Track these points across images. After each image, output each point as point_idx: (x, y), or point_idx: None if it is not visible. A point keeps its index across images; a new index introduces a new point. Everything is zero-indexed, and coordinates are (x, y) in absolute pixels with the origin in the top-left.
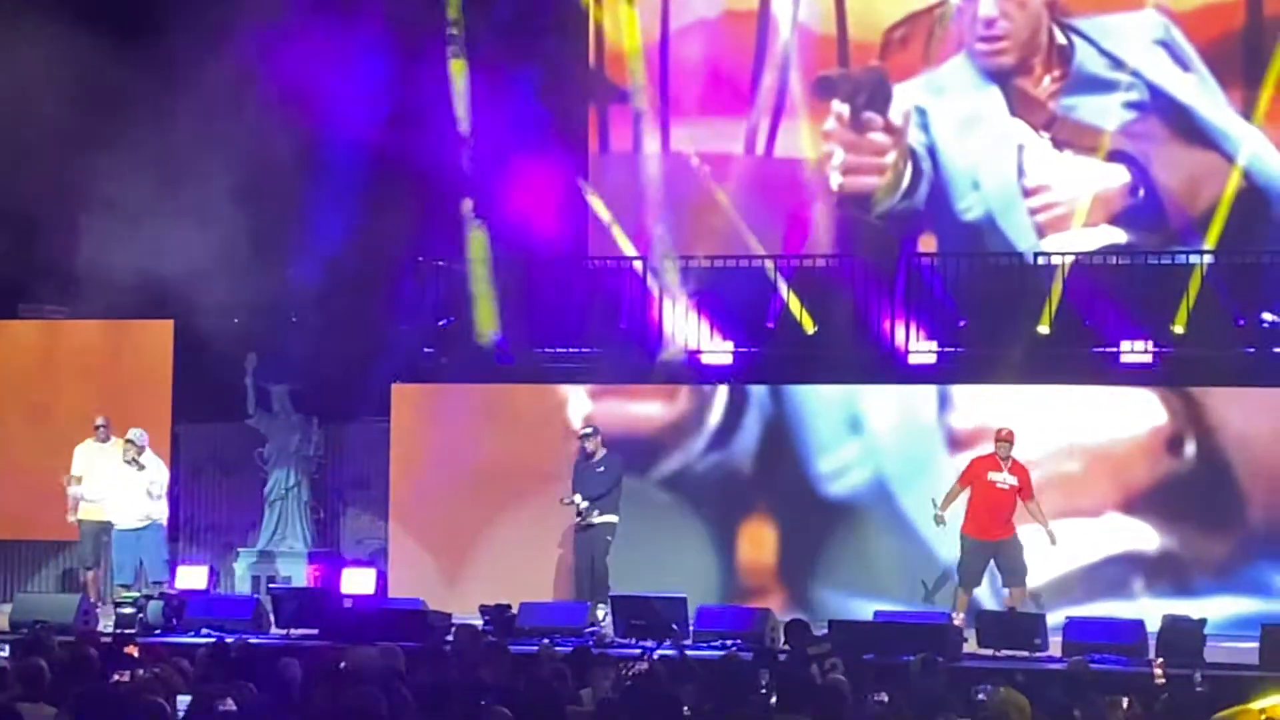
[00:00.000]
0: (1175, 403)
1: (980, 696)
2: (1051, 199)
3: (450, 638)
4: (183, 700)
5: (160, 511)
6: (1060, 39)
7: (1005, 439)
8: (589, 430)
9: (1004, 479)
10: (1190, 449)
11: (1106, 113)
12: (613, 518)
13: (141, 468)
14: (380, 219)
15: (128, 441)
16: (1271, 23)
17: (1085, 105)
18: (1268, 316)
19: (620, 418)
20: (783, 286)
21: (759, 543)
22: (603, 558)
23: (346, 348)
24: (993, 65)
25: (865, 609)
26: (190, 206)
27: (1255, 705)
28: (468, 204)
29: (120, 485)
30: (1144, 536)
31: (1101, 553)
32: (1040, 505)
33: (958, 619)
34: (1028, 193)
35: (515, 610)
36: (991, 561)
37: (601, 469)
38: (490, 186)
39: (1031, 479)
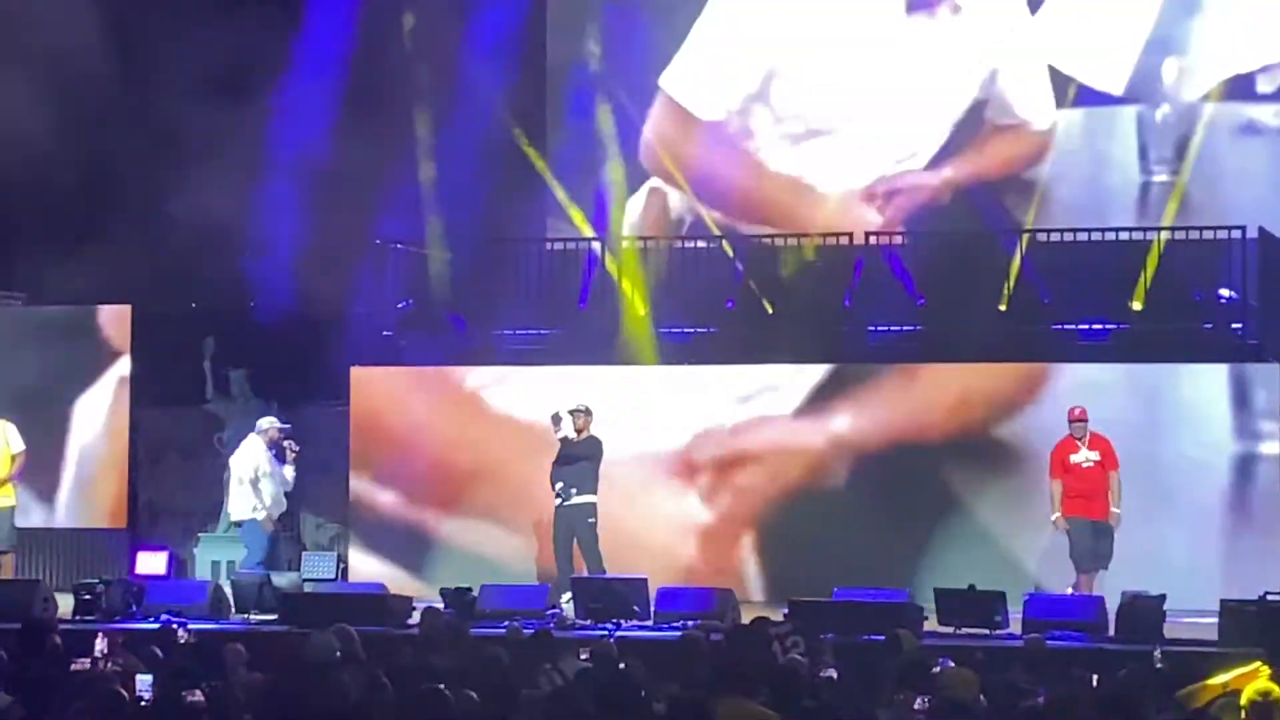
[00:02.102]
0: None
1: (936, 669)
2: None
3: (414, 621)
4: (142, 680)
5: (258, 507)
6: None
7: (1079, 419)
8: (581, 409)
9: (1087, 456)
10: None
11: None
12: (591, 497)
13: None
14: (338, 201)
15: (280, 431)
16: None
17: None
18: (1225, 292)
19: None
20: (740, 267)
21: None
22: (591, 540)
23: (305, 331)
24: None
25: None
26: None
27: (1217, 680)
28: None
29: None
30: None
31: None
32: (1119, 480)
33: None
34: None
35: (476, 594)
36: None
37: (581, 448)
38: (448, 166)
39: (1114, 448)
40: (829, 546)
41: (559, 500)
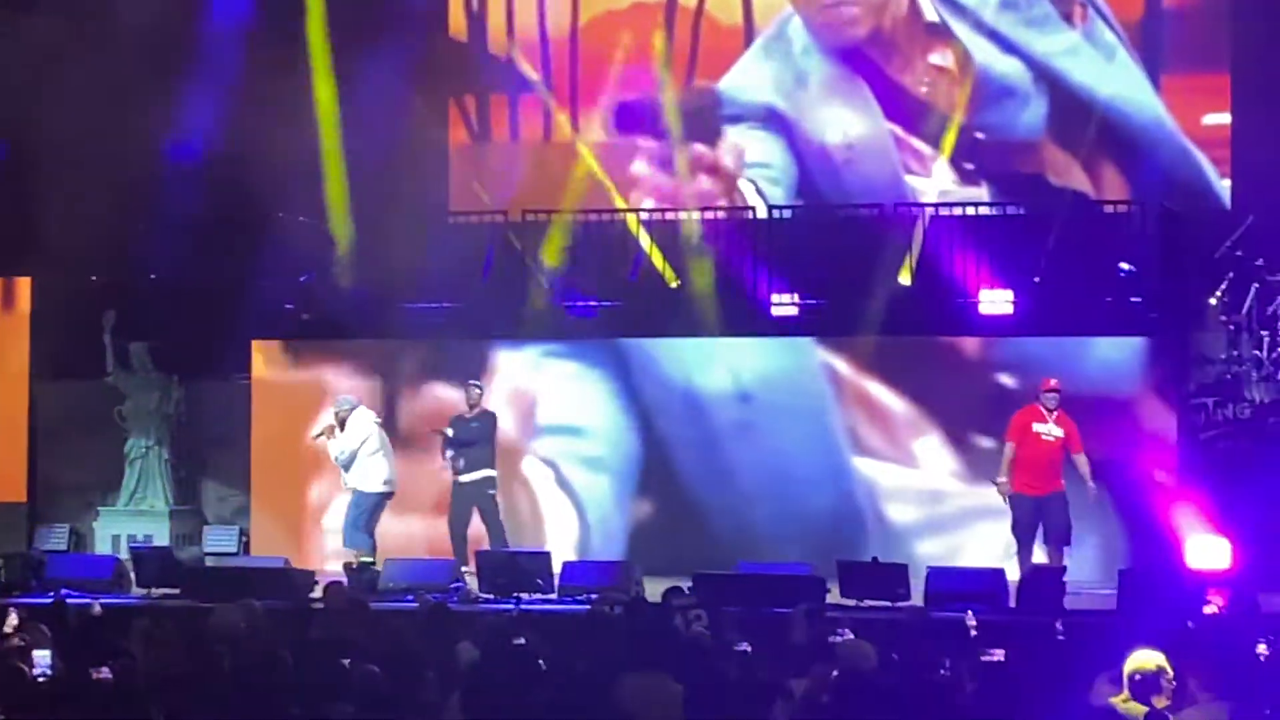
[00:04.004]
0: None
1: (834, 639)
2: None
3: (316, 595)
4: (40, 656)
5: (354, 480)
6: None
7: (1053, 390)
8: (474, 383)
9: (1049, 430)
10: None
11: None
12: (490, 472)
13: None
14: (240, 174)
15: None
16: None
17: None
18: (1124, 266)
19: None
20: (645, 240)
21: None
22: (494, 513)
23: (206, 304)
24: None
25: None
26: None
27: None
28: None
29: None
30: None
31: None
32: (1085, 460)
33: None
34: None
35: (380, 568)
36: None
37: (476, 423)
38: (350, 139)
39: (1078, 432)
40: (732, 520)
41: (455, 474)
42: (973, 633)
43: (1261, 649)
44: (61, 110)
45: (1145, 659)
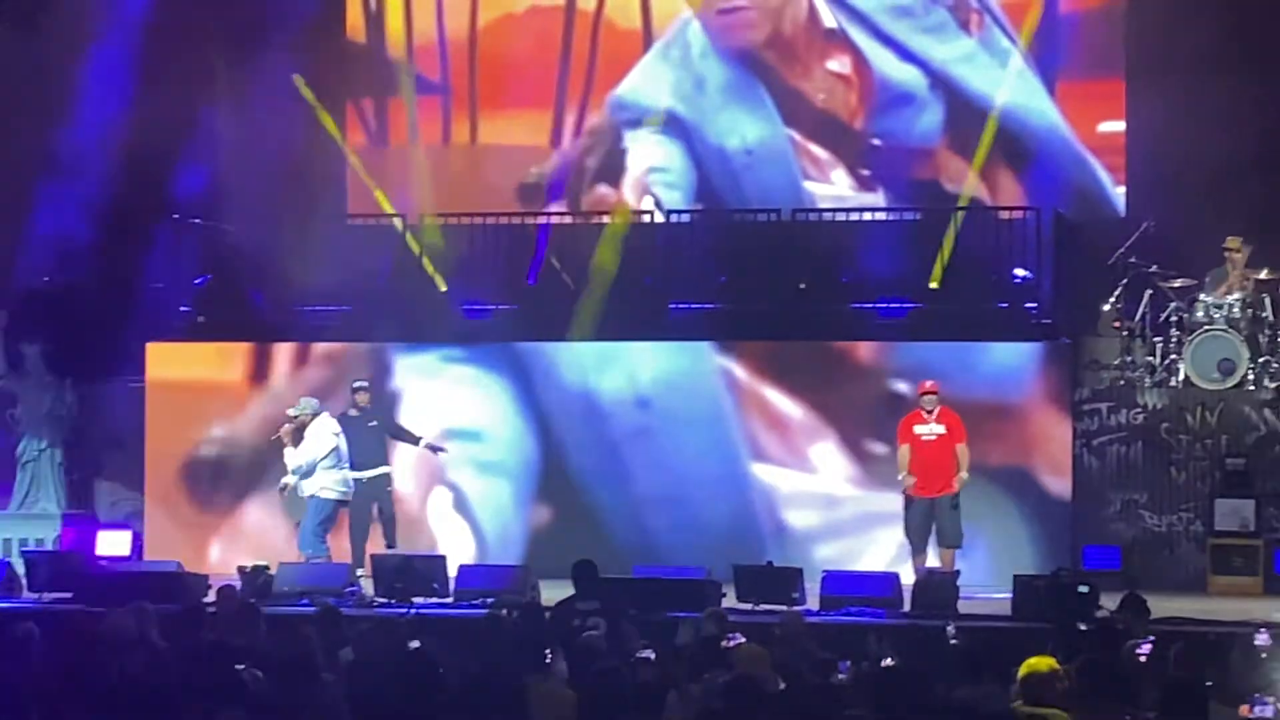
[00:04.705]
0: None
1: (727, 644)
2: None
3: (210, 599)
4: None
5: (313, 486)
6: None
7: (929, 391)
8: (362, 384)
9: (931, 430)
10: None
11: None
12: (387, 468)
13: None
14: (136, 176)
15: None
16: None
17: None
18: (1020, 272)
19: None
20: (543, 244)
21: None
22: (392, 510)
23: (101, 307)
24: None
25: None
26: None
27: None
28: None
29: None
30: None
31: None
32: (966, 450)
33: (907, 580)
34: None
35: (274, 571)
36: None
37: (373, 423)
38: (247, 141)
39: (962, 424)
40: (630, 525)
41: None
42: (952, 641)
43: (1143, 651)
44: None
45: (1038, 662)
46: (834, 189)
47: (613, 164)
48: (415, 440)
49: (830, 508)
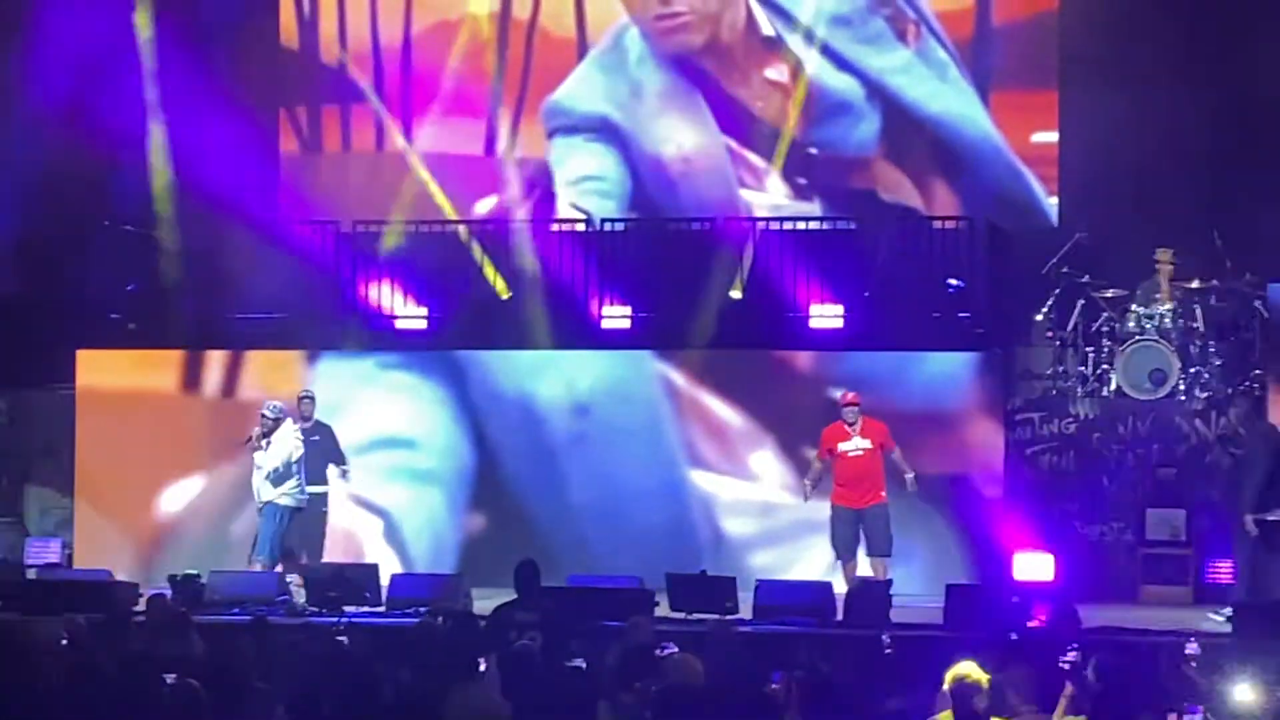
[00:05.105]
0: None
1: (660, 654)
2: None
3: (140, 608)
4: None
5: (270, 494)
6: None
7: (850, 403)
8: (309, 394)
9: (854, 445)
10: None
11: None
12: (325, 488)
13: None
14: (65, 182)
15: (261, 416)
16: None
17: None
18: (952, 281)
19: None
20: (477, 251)
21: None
22: (320, 532)
23: (30, 313)
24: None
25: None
26: None
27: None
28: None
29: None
30: None
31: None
32: (901, 453)
33: (841, 589)
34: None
35: (205, 580)
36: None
37: (316, 437)
38: (179, 147)
39: (888, 430)
40: (565, 534)
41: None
42: (886, 651)
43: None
44: None
45: (964, 669)
46: (770, 197)
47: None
48: (343, 464)
49: (767, 515)
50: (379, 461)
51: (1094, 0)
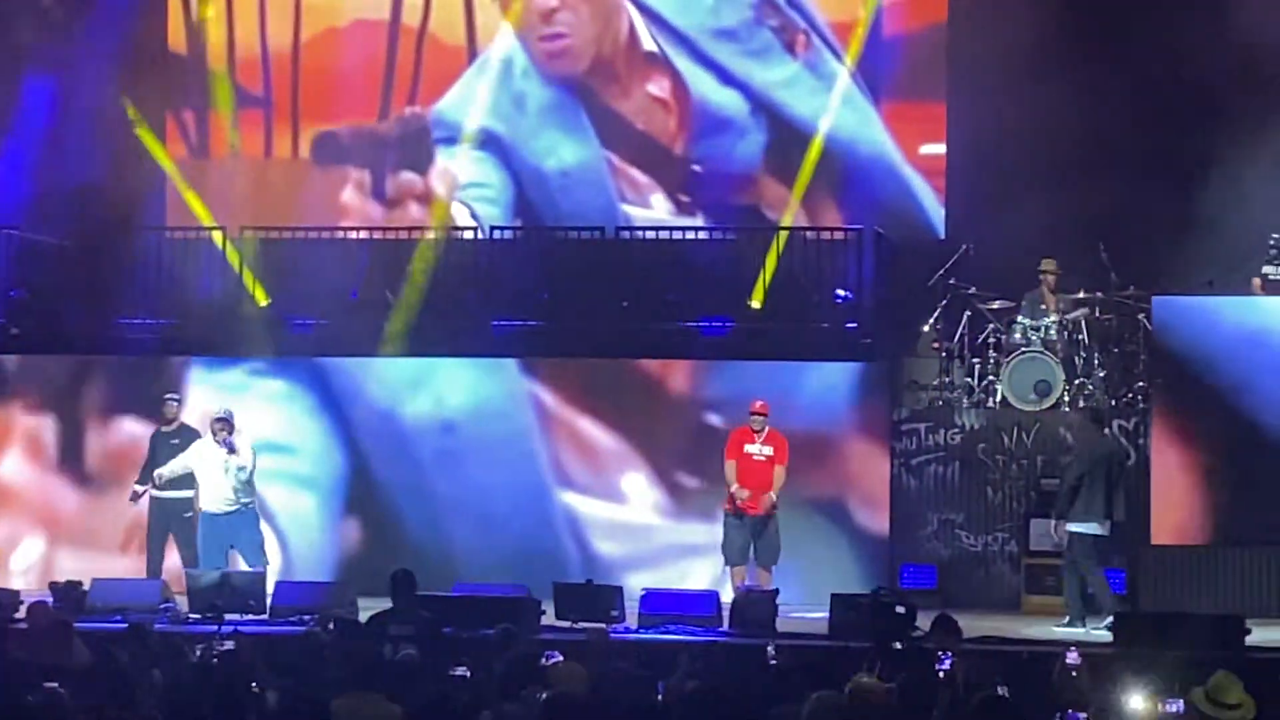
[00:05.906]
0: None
1: (544, 662)
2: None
3: (20, 615)
4: None
5: (209, 501)
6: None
7: (759, 412)
8: (173, 397)
9: (759, 450)
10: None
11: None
12: (190, 493)
13: (233, 450)
14: None
15: (218, 420)
16: None
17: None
18: (841, 292)
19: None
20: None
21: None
22: (190, 537)
23: None
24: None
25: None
26: None
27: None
28: None
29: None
30: None
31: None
32: (783, 474)
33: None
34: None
35: (88, 588)
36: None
37: (176, 441)
38: (63, 148)
39: (788, 448)
40: (438, 545)
41: (155, 486)
42: (772, 661)
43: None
44: None
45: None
46: (653, 213)
47: (421, 157)
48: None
49: (640, 538)
50: (260, 465)
51: (982, 13)
